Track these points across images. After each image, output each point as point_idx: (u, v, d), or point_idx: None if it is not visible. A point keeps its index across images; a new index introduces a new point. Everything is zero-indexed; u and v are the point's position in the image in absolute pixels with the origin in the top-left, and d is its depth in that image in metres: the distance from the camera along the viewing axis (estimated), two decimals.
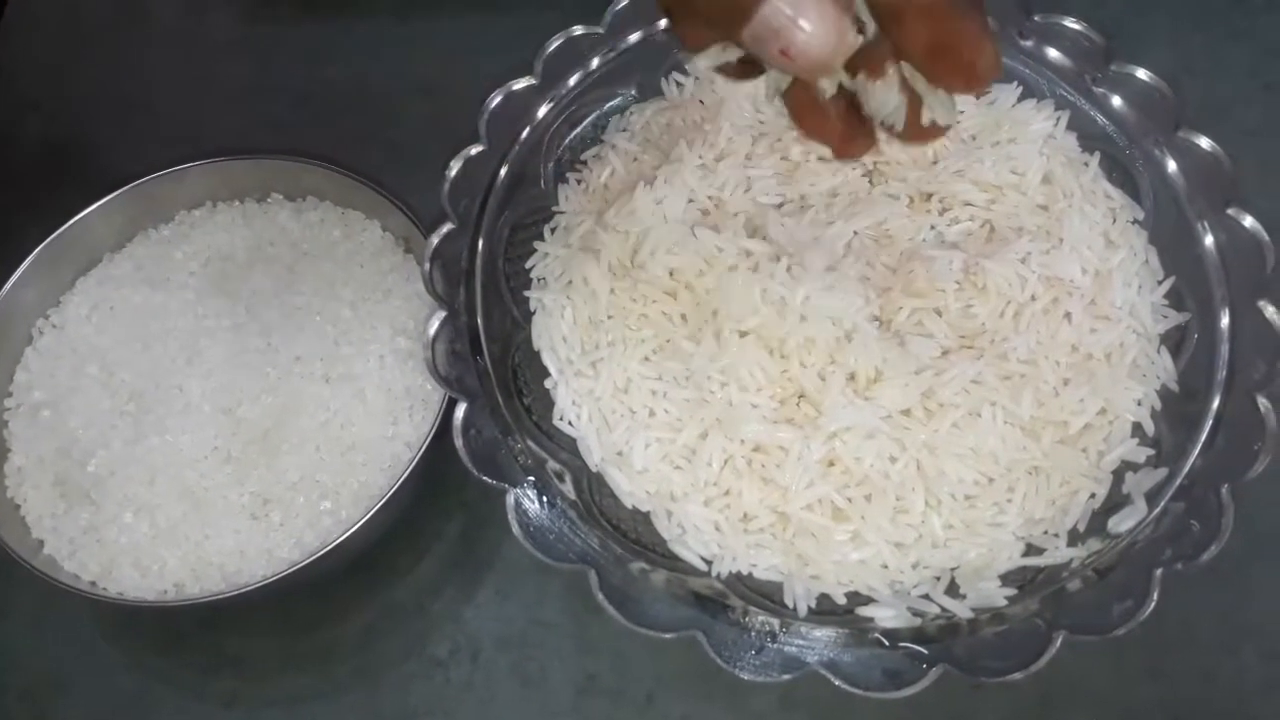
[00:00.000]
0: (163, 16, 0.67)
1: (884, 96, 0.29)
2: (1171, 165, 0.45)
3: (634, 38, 0.50)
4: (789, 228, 0.46)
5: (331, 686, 0.47)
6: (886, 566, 0.40)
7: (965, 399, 0.42)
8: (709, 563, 0.41)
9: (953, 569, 0.40)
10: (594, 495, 0.42)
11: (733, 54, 0.30)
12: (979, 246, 0.45)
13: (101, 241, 0.53)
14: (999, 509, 0.41)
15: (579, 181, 0.49)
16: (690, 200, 0.47)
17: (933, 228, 0.46)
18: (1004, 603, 0.38)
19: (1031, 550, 0.41)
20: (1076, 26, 0.48)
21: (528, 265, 0.48)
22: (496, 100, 0.48)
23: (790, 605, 0.39)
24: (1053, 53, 0.48)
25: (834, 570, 0.40)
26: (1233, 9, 0.62)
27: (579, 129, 0.50)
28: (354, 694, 0.46)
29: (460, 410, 0.41)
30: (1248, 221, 0.43)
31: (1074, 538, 0.40)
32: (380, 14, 0.65)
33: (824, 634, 0.37)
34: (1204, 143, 0.45)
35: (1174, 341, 0.44)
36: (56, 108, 0.64)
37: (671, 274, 0.45)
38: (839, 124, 0.31)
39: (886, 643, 0.37)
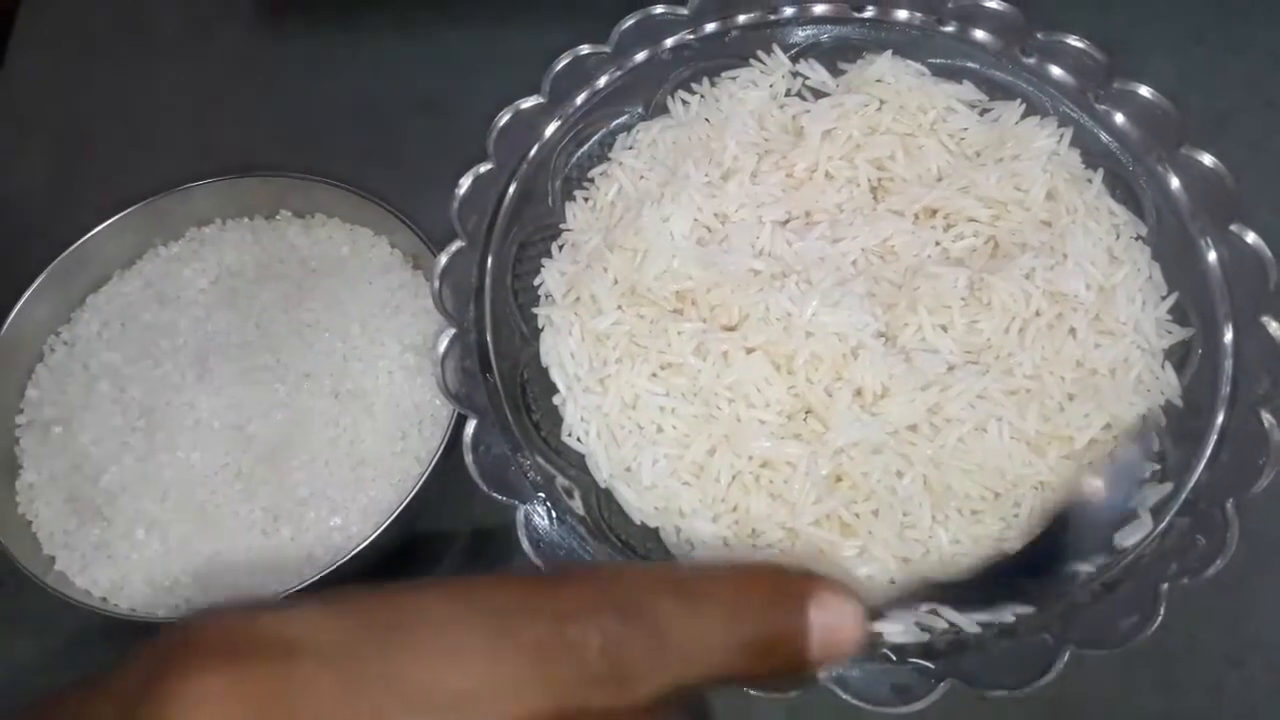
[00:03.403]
0: (169, 34, 0.68)
1: None
2: (1174, 182, 0.45)
3: (640, 56, 0.50)
4: (795, 245, 0.46)
5: None
6: (894, 582, 0.41)
7: (971, 414, 0.42)
8: None
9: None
10: (603, 511, 0.43)
11: None
12: (983, 262, 0.46)
13: (111, 259, 0.53)
14: (1005, 524, 0.41)
15: (586, 199, 0.50)
16: (696, 218, 0.47)
17: (937, 244, 0.47)
18: (1011, 618, 0.38)
19: None
20: (1079, 44, 0.48)
21: (536, 282, 0.48)
22: (505, 118, 0.48)
23: None
24: (1055, 70, 0.48)
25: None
26: (1232, 23, 0.63)
27: (586, 147, 0.50)
28: None
29: (470, 427, 0.41)
30: (1250, 238, 0.43)
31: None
32: (386, 32, 0.65)
33: None
34: (1206, 160, 0.45)
35: (1178, 357, 0.44)
36: (65, 126, 0.64)
37: (678, 292, 0.45)
38: None
39: (894, 657, 0.37)
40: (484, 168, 0.47)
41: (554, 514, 0.40)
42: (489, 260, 0.46)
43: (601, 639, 0.21)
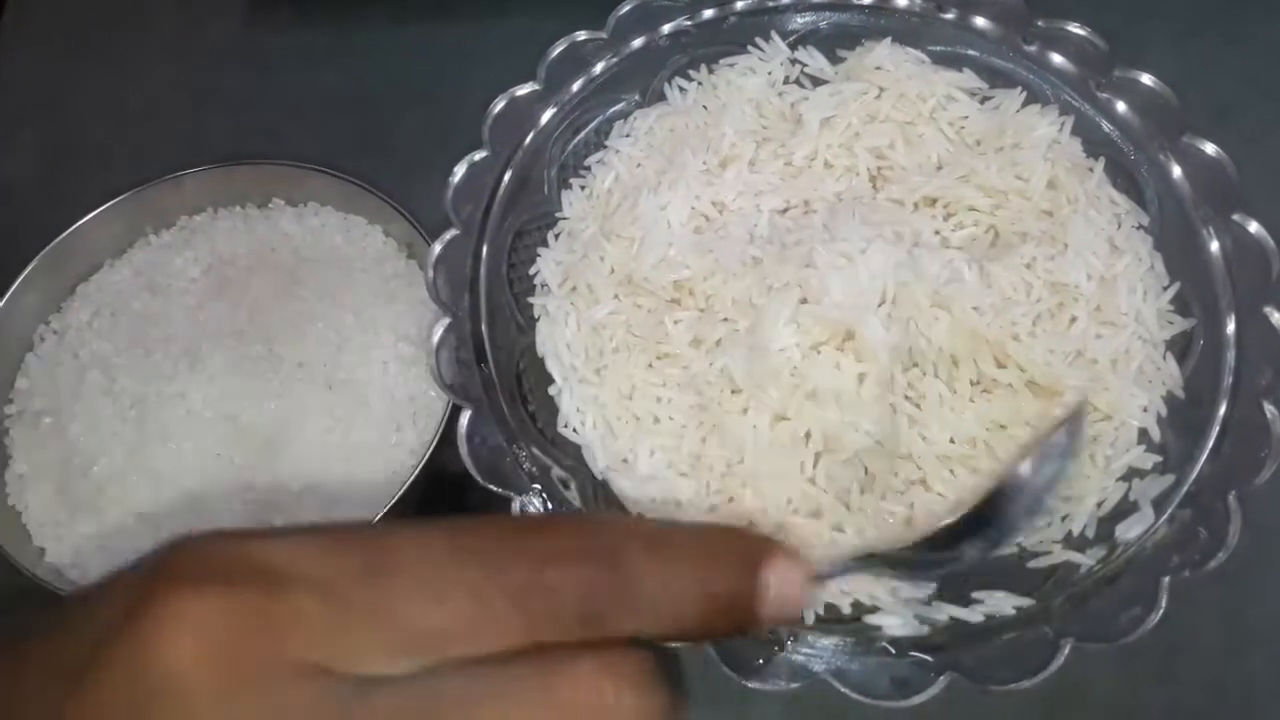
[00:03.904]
0: (161, 24, 0.67)
1: None
2: (1176, 171, 0.45)
3: (637, 43, 0.50)
4: (794, 232, 0.45)
5: None
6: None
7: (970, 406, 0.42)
8: None
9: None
10: (600, 502, 0.42)
11: None
12: (983, 251, 0.45)
13: (102, 248, 0.52)
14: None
15: (582, 187, 0.49)
16: (694, 206, 0.47)
17: (937, 233, 0.46)
18: (1011, 611, 0.38)
19: (1037, 556, 0.40)
20: (1080, 32, 0.48)
21: (531, 271, 0.47)
22: (500, 106, 0.47)
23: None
24: (1057, 58, 0.48)
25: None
26: (1230, 14, 0.62)
27: (582, 134, 0.50)
28: None
29: (465, 418, 0.41)
30: (1253, 227, 0.43)
31: (1081, 544, 0.40)
32: (379, 19, 0.65)
33: (831, 642, 0.37)
34: (1209, 149, 0.45)
35: (1180, 347, 0.43)
36: (55, 115, 0.64)
37: (675, 281, 0.45)
38: None
39: (894, 651, 0.37)
40: (479, 155, 0.47)
41: (550, 505, 0.40)
42: (484, 249, 0.45)
43: (578, 584, 0.22)
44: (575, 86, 0.49)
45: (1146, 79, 0.47)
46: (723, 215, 0.47)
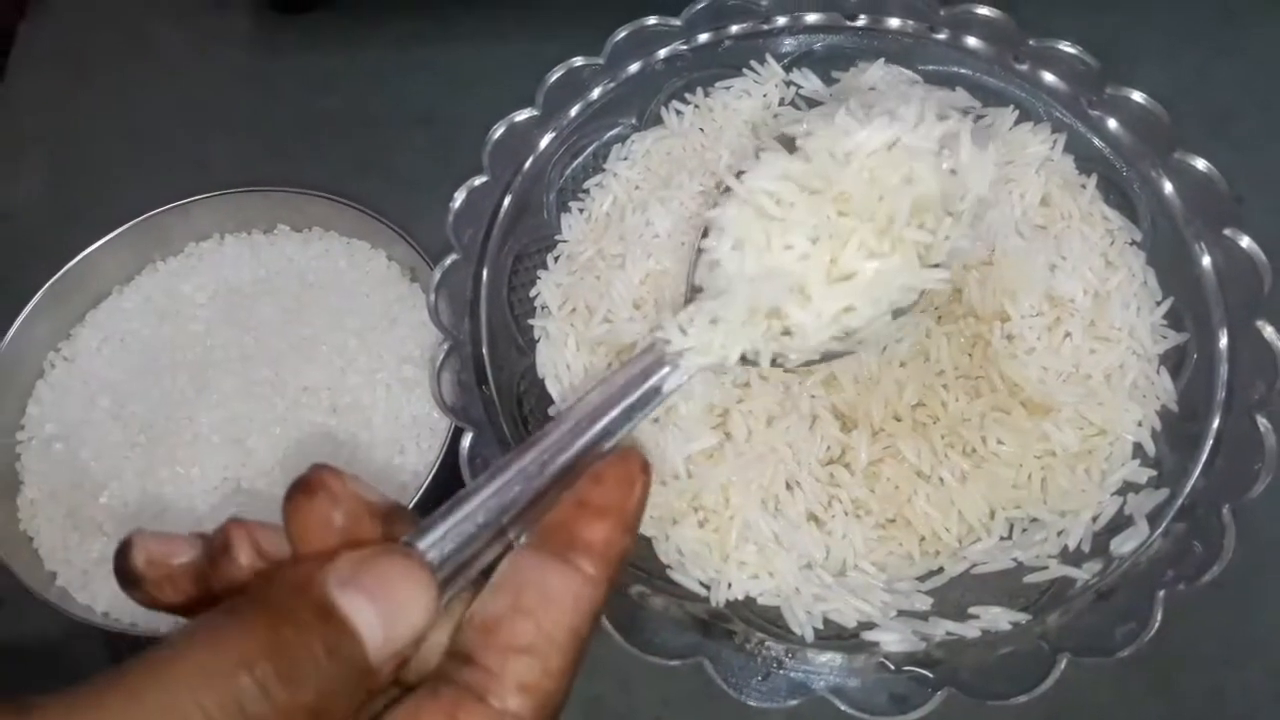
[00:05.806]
0: (167, 50, 0.68)
1: None
2: (1168, 187, 0.45)
3: (634, 68, 0.50)
4: None
5: None
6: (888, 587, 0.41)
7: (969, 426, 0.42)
8: (708, 588, 0.41)
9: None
10: None
11: None
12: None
13: (110, 275, 0.53)
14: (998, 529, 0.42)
15: (581, 210, 0.50)
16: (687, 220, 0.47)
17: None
18: (1008, 626, 0.38)
19: (1033, 571, 0.41)
20: (1071, 50, 0.48)
21: (532, 294, 0.48)
22: (499, 131, 0.48)
23: (798, 632, 0.39)
24: (1048, 76, 0.48)
25: (836, 594, 0.40)
26: (1223, 26, 0.63)
27: (580, 158, 0.51)
28: None
29: (467, 439, 0.41)
30: (1244, 242, 0.43)
31: (1077, 559, 0.40)
32: (381, 45, 0.65)
33: (829, 659, 0.38)
34: (1200, 164, 0.45)
35: (1173, 362, 0.44)
36: (63, 142, 0.65)
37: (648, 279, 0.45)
38: None
39: (892, 667, 0.37)
40: (479, 181, 0.47)
41: None
42: (485, 273, 0.46)
43: None
44: (573, 111, 0.49)
45: (1137, 96, 0.47)
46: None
